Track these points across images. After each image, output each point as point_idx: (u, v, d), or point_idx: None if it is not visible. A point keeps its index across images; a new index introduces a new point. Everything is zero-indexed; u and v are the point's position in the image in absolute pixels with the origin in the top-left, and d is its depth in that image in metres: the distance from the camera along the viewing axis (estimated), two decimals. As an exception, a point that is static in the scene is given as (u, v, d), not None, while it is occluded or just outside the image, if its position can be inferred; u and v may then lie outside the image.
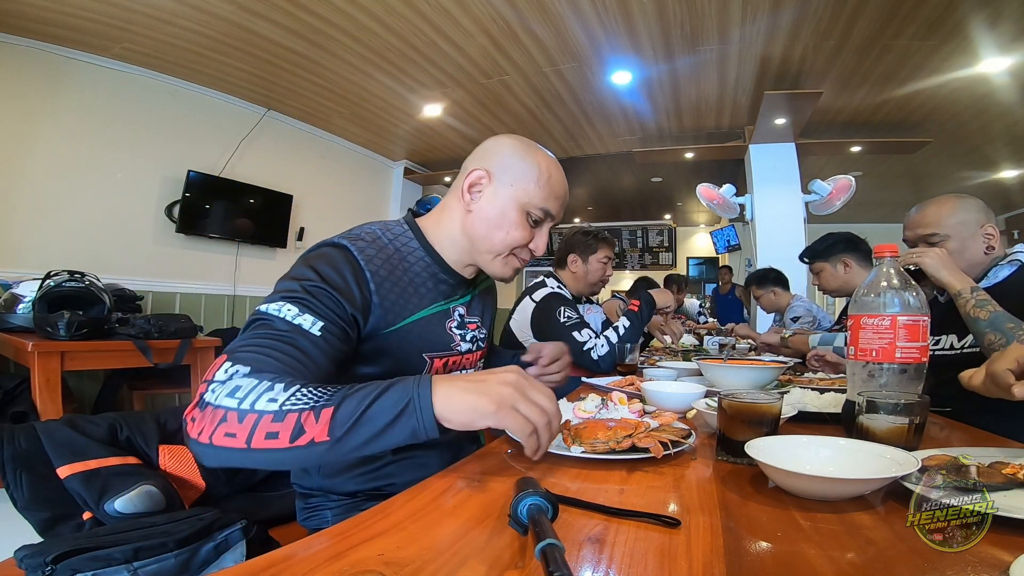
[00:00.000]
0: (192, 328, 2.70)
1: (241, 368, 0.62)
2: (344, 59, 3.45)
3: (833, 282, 2.26)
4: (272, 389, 0.60)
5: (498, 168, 0.92)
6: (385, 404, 0.60)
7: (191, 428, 0.60)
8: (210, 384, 0.62)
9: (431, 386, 0.62)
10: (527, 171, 0.91)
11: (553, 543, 0.39)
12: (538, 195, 0.91)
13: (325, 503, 0.87)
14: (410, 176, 5.66)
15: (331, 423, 0.58)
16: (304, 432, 0.57)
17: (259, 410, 0.58)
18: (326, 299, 0.75)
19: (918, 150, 4.42)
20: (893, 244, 0.90)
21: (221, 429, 0.58)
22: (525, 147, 0.93)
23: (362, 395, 0.60)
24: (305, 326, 0.71)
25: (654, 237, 8.75)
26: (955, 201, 1.33)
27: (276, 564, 0.44)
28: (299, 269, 0.80)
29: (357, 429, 0.58)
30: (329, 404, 0.59)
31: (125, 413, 1.14)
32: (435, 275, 0.93)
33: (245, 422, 0.58)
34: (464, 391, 0.62)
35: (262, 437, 0.57)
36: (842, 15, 2.89)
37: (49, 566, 0.70)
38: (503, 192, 0.91)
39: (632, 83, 3.81)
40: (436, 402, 0.61)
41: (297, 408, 0.58)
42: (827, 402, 1.05)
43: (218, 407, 0.59)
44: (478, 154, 0.96)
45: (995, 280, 1.29)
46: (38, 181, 3.12)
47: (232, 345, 0.67)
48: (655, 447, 0.71)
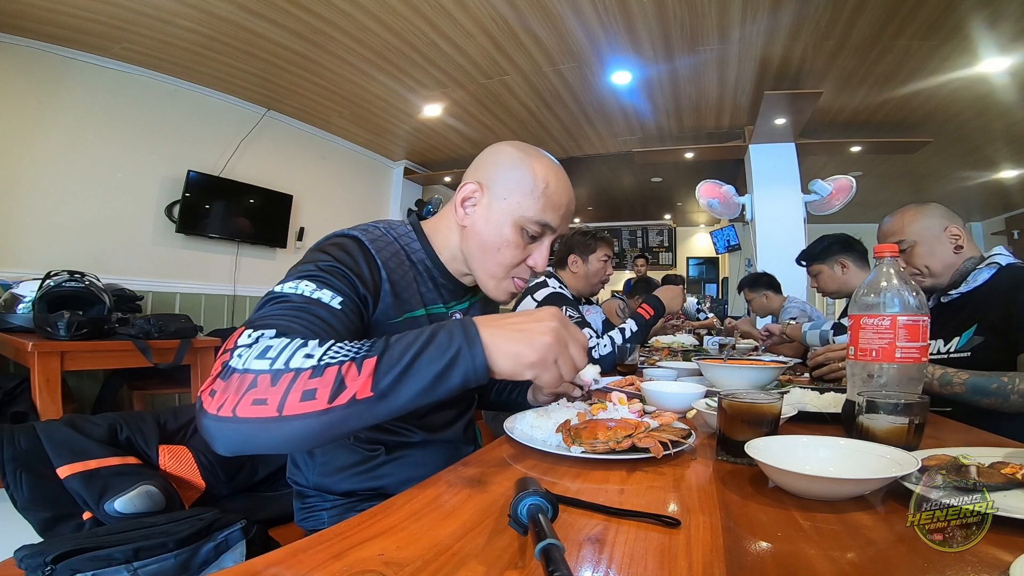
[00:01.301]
0: (192, 328, 2.70)
1: (267, 332, 0.58)
2: (344, 59, 3.45)
3: (832, 284, 2.27)
4: (306, 345, 0.55)
5: (491, 180, 0.86)
6: (433, 353, 0.56)
7: (209, 403, 0.54)
8: (234, 351, 0.56)
9: (479, 330, 0.59)
10: (521, 181, 0.84)
11: (553, 543, 0.39)
12: (534, 207, 0.84)
13: (321, 503, 0.87)
14: (410, 176, 5.67)
15: (375, 375, 0.54)
16: (345, 388, 0.53)
17: (295, 367, 0.53)
18: (341, 277, 0.73)
19: (918, 150, 4.42)
20: (893, 244, 0.90)
21: (249, 396, 0.52)
22: (520, 154, 0.87)
23: (404, 344, 0.57)
24: (324, 299, 0.68)
25: (654, 237, 8.75)
26: (916, 209, 1.41)
27: (276, 564, 0.44)
28: (311, 254, 0.78)
29: (405, 381, 0.55)
30: (371, 354, 0.55)
31: (125, 413, 1.14)
32: (435, 279, 0.92)
33: (279, 384, 0.53)
34: (510, 339, 0.60)
35: (297, 399, 0.52)
36: (842, 15, 2.89)
37: (49, 566, 0.70)
38: (496, 207, 0.85)
39: (632, 83, 3.81)
40: (486, 347, 0.58)
41: (337, 360, 0.54)
42: (827, 402, 1.05)
43: (247, 371, 0.54)
44: (474, 164, 0.92)
45: (975, 284, 1.32)
46: (38, 181, 3.11)
47: (249, 318, 0.64)
48: (655, 447, 0.71)
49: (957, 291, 1.35)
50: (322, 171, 4.86)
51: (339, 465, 0.86)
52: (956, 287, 1.35)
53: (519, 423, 0.87)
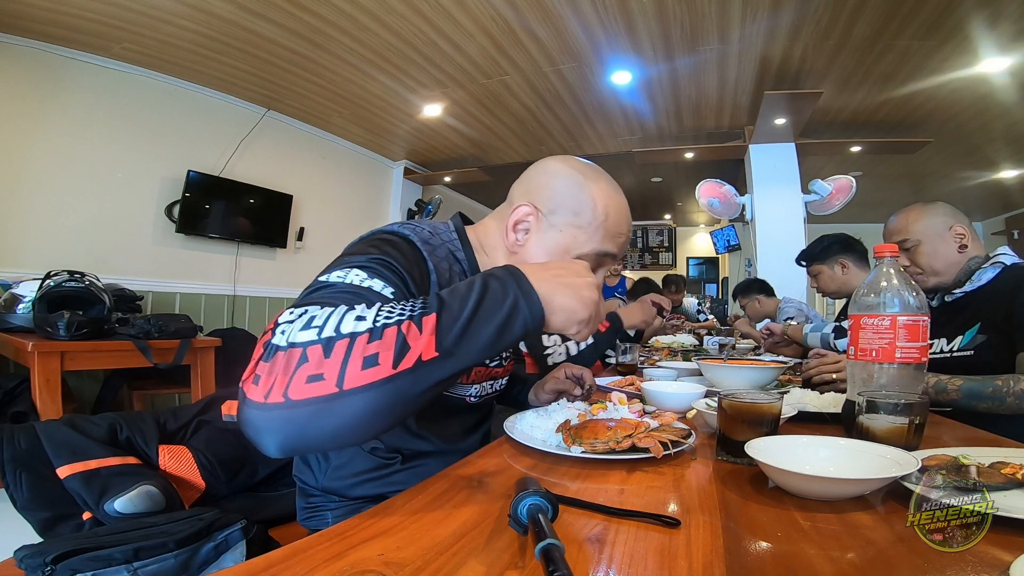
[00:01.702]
0: (192, 328, 2.71)
1: (310, 308, 0.52)
2: (344, 59, 3.45)
3: (832, 284, 2.27)
4: (354, 309, 0.50)
5: (547, 205, 0.80)
6: (490, 304, 0.53)
7: (254, 391, 0.47)
8: (275, 328, 0.50)
9: (530, 280, 0.57)
10: (580, 212, 0.79)
11: (553, 543, 0.39)
12: (592, 241, 0.79)
13: (327, 504, 0.86)
14: (410, 176, 5.66)
15: (437, 332, 0.49)
16: (409, 348, 0.47)
17: (348, 332, 0.48)
18: (394, 271, 0.68)
19: (918, 150, 4.42)
20: (893, 244, 0.90)
21: (301, 374, 0.46)
22: (581, 179, 0.81)
23: (459, 297, 0.53)
24: (376, 288, 0.62)
25: (654, 237, 8.76)
26: (921, 208, 1.41)
27: (276, 564, 0.44)
28: (360, 247, 0.72)
29: (470, 337, 0.51)
30: (427, 310, 0.50)
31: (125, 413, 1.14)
32: None
33: (334, 353, 0.47)
34: (562, 293, 0.58)
35: (358, 368, 0.46)
36: (842, 15, 2.89)
37: (49, 566, 0.70)
38: (552, 237, 0.79)
39: (632, 83, 3.81)
40: (540, 298, 0.56)
41: (394, 320, 0.49)
42: (827, 402, 1.05)
43: (293, 345, 0.47)
44: (525, 183, 0.85)
45: (979, 283, 1.32)
46: (38, 181, 3.11)
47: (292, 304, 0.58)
48: (655, 447, 0.71)
49: (961, 290, 1.35)
50: (322, 171, 4.86)
51: (353, 471, 0.84)
52: (960, 286, 1.35)
53: (519, 423, 0.87)
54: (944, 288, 1.39)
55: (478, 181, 5.70)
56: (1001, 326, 1.23)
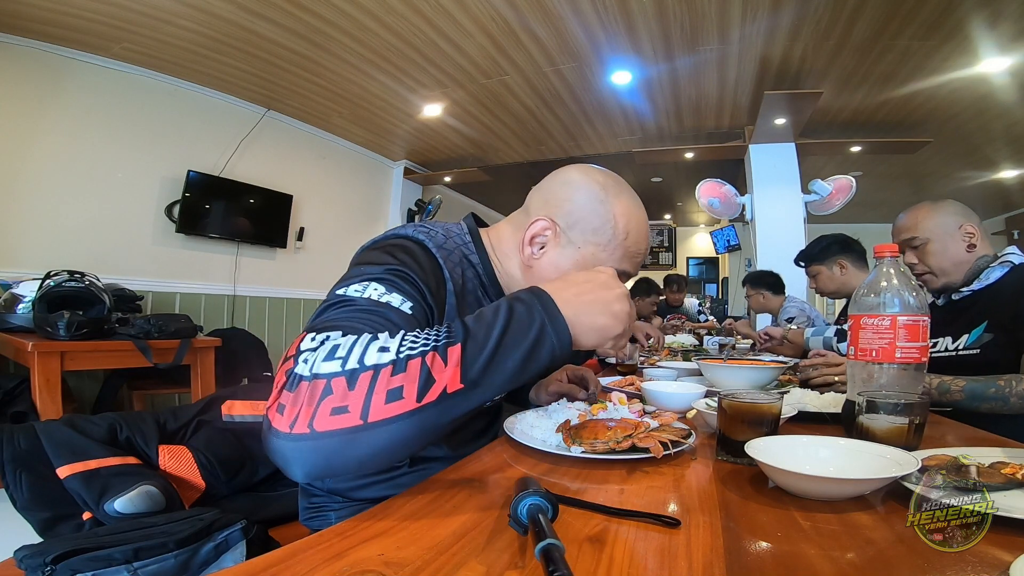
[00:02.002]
0: (192, 328, 2.71)
1: (332, 333, 0.51)
2: (344, 59, 3.45)
3: (830, 284, 2.27)
4: (377, 339, 0.49)
5: (566, 220, 0.78)
6: (516, 333, 0.52)
7: (280, 421, 0.47)
8: (298, 356, 0.49)
9: (556, 303, 0.55)
10: (600, 230, 0.77)
11: (553, 543, 0.39)
12: (612, 258, 0.77)
13: (330, 504, 0.86)
14: (410, 176, 5.67)
15: (462, 363, 0.48)
16: (434, 381, 0.47)
17: (372, 364, 0.47)
18: (411, 283, 0.66)
19: (918, 150, 4.42)
20: (893, 244, 0.90)
21: (326, 406, 0.46)
22: (603, 194, 0.78)
23: (485, 325, 0.52)
24: (394, 303, 0.60)
25: (654, 237, 8.75)
26: (931, 205, 1.39)
27: (276, 564, 0.44)
28: (374, 255, 0.70)
29: (495, 367, 0.50)
30: (452, 340, 0.49)
31: (125, 413, 1.14)
32: (491, 296, 0.85)
33: (358, 386, 0.46)
34: (590, 312, 0.57)
35: (382, 401, 0.46)
36: (842, 15, 2.89)
37: (49, 566, 0.70)
38: (568, 254, 0.77)
39: (632, 83, 3.81)
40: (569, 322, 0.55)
41: (418, 351, 0.48)
42: (827, 402, 1.05)
43: (317, 377, 0.47)
44: (544, 193, 0.82)
45: (987, 282, 1.32)
46: (38, 181, 3.11)
47: (309, 324, 0.57)
48: (655, 447, 0.71)
49: (969, 288, 1.34)
50: (322, 171, 4.86)
51: (359, 476, 0.83)
52: (968, 285, 1.34)
53: (519, 423, 0.87)
54: (952, 288, 1.38)
55: (478, 181, 5.70)
56: (1008, 325, 1.22)
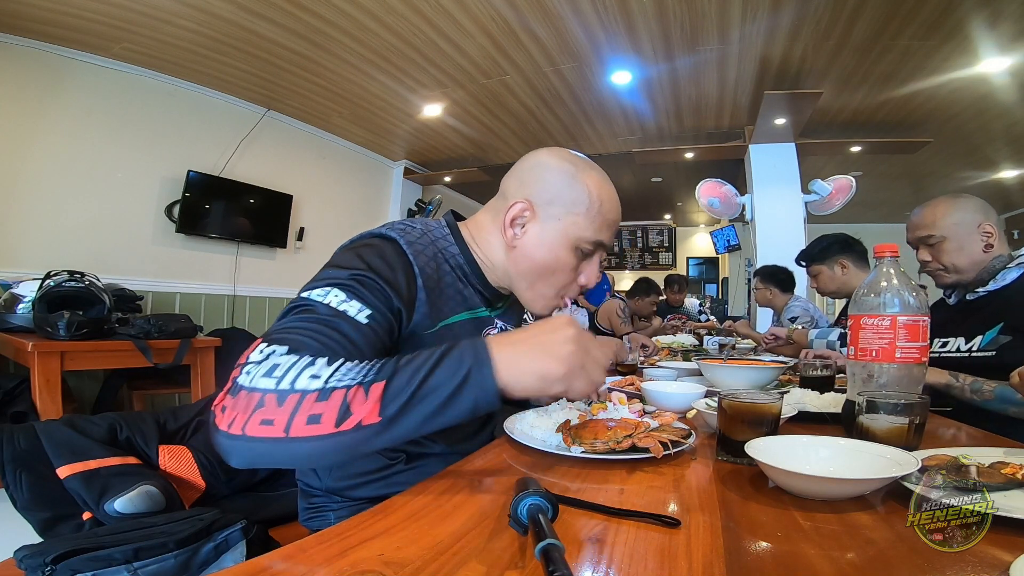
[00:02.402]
0: (192, 328, 2.70)
1: (279, 348, 0.57)
2: (344, 59, 3.45)
3: (831, 284, 2.26)
4: (314, 364, 0.54)
5: (542, 198, 0.82)
6: (441, 376, 0.54)
7: (220, 419, 0.53)
8: (244, 366, 0.55)
9: (490, 350, 0.56)
10: (576, 201, 0.81)
11: (553, 543, 0.39)
12: (590, 228, 0.81)
13: (329, 504, 0.86)
14: (410, 176, 5.67)
15: (382, 400, 0.52)
16: (351, 414, 0.51)
17: (300, 389, 0.52)
18: (374, 289, 0.69)
19: (918, 150, 4.42)
20: (893, 244, 0.90)
21: (257, 416, 0.51)
22: (572, 169, 0.82)
23: (414, 367, 0.55)
24: (351, 312, 0.64)
25: (654, 237, 8.75)
26: (951, 201, 1.34)
27: (276, 564, 0.44)
28: (345, 257, 0.73)
29: (413, 407, 0.53)
30: (379, 378, 0.53)
31: (125, 413, 1.14)
32: (472, 284, 0.87)
33: (285, 405, 0.51)
34: (529, 356, 0.57)
35: (303, 422, 0.51)
36: (842, 15, 2.89)
37: (49, 566, 0.70)
38: (550, 227, 0.81)
39: (632, 83, 3.81)
40: (499, 369, 0.55)
41: (344, 384, 0.52)
42: (827, 402, 1.05)
43: (254, 390, 0.52)
44: (518, 177, 0.85)
45: (1003, 283, 1.28)
46: (38, 181, 3.11)
47: (269, 329, 0.62)
48: (655, 447, 0.71)
49: (984, 289, 1.30)
50: (322, 171, 4.86)
51: (357, 471, 0.84)
52: (983, 284, 1.30)
53: (519, 423, 0.87)
54: (964, 285, 1.34)
55: (478, 181, 5.70)
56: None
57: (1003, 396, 1.12)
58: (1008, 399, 1.11)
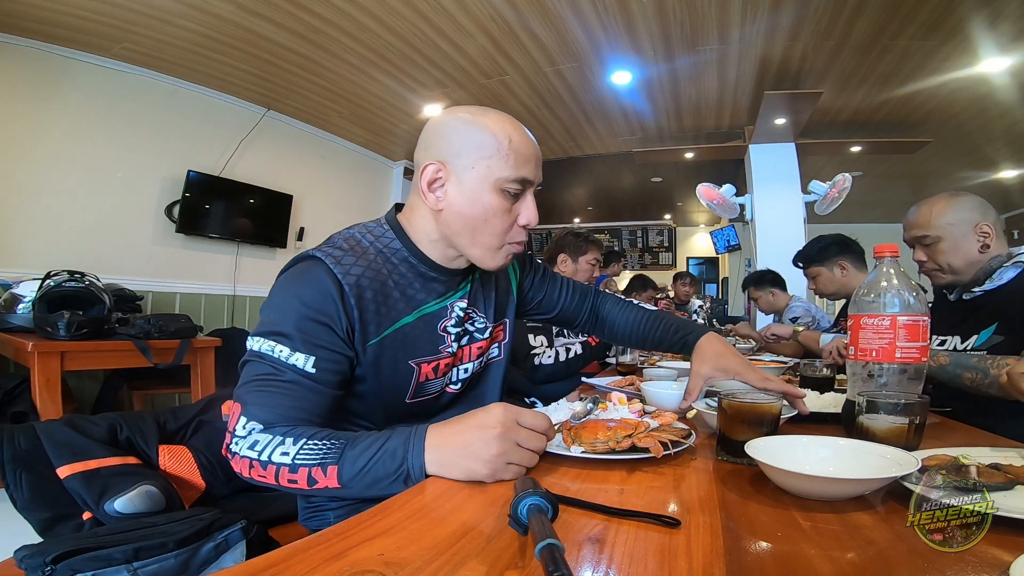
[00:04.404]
0: (192, 328, 2.70)
1: (255, 425, 0.70)
2: (344, 59, 3.45)
3: (830, 285, 2.25)
4: (283, 443, 0.67)
5: (450, 153, 0.81)
6: (380, 469, 0.65)
7: (231, 462, 0.71)
8: (233, 436, 0.71)
9: (424, 449, 0.66)
10: (483, 144, 0.79)
11: (553, 543, 0.39)
12: (506, 167, 0.79)
13: (328, 503, 0.86)
14: (410, 176, 5.66)
15: (338, 476, 0.65)
16: (316, 482, 0.66)
17: (276, 462, 0.67)
18: (314, 330, 0.75)
19: (918, 150, 4.42)
20: (893, 244, 0.90)
21: (253, 472, 0.68)
22: (469, 117, 0.82)
23: (359, 451, 0.66)
24: (299, 365, 0.73)
25: (654, 237, 8.75)
26: (947, 201, 1.32)
27: (276, 564, 0.44)
28: (282, 299, 0.79)
29: (362, 481, 0.65)
30: (333, 461, 0.66)
31: (125, 413, 1.14)
32: (423, 275, 0.87)
33: (268, 470, 0.67)
34: (456, 457, 0.65)
35: (285, 482, 0.66)
36: (842, 15, 2.89)
37: (49, 566, 0.70)
38: (467, 178, 0.80)
39: (632, 83, 3.81)
40: (429, 466, 0.65)
41: (307, 463, 0.66)
42: (827, 402, 1.05)
43: (244, 457, 0.69)
44: (423, 144, 0.86)
45: (1000, 282, 1.27)
46: (38, 181, 3.11)
47: (239, 391, 0.73)
48: (655, 447, 0.71)
49: (981, 288, 1.29)
50: (322, 171, 4.85)
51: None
52: (979, 284, 1.29)
53: (519, 423, 0.87)
54: (960, 285, 1.34)
55: (478, 181, 5.70)
56: (1018, 328, 1.18)
57: (958, 361, 1.12)
58: (964, 364, 1.11)
